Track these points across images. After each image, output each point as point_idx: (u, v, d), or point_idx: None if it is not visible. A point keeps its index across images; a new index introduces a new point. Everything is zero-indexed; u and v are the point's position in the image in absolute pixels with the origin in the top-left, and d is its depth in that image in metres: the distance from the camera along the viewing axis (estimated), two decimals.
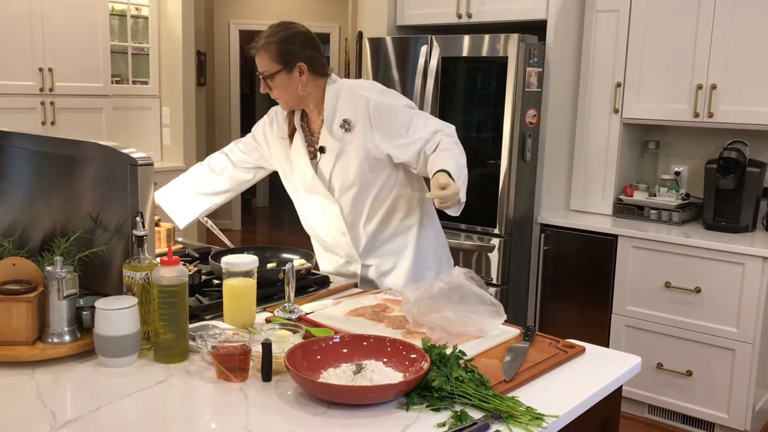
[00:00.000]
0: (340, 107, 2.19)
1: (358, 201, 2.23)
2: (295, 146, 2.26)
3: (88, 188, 1.74)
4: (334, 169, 2.20)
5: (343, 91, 2.20)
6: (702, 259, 3.18)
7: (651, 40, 3.48)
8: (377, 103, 2.17)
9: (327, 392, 1.37)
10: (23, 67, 4.23)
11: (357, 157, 2.17)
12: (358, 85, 2.24)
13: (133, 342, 1.54)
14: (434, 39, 3.66)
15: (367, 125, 2.16)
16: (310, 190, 2.28)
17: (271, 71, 2.12)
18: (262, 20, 7.58)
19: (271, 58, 2.11)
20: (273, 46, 2.11)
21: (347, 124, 2.18)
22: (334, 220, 2.28)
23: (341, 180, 2.21)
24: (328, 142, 2.20)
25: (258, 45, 2.13)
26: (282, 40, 2.11)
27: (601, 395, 1.51)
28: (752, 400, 3.15)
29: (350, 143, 2.18)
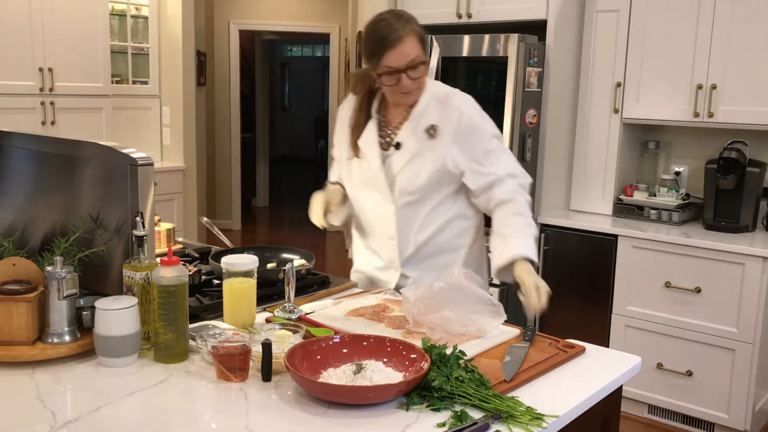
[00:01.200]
0: (431, 111, 2.07)
1: (417, 208, 2.11)
2: (367, 134, 2.13)
3: (88, 188, 1.74)
4: (404, 168, 2.08)
5: (439, 96, 2.09)
6: (702, 259, 3.18)
7: (651, 40, 3.48)
8: (471, 120, 2.06)
9: (327, 392, 1.37)
10: (23, 67, 4.23)
11: (433, 165, 2.06)
12: (455, 95, 2.11)
13: (133, 342, 1.54)
14: (434, 39, 3.65)
15: (453, 138, 2.04)
16: (368, 182, 2.15)
17: (423, 54, 1.98)
18: (262, 20, 7.58)
19: (419, 41, 1.98)
20: (417, 30, 1.98)
21: (433, 130, 2.05)
22: (385, 222, 2.15)
23: (407, 182, 2.09)
24: (409, 141, 2.08)
25: (404, 30, 1.95)
26: (417, 22, 2.00)
27: (601, 395, 1.51)
28: (752, 400, 3.15)
29: (430, 150, 2.06)
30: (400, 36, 1.93)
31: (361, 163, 2.15)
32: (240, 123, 7.73)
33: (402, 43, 1.93)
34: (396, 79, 1.97)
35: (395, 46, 1.93)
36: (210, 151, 7.42)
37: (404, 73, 1.96)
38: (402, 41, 1.93)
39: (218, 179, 7.63)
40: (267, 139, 9.18)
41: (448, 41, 3.63)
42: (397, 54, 1.94)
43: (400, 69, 1.95)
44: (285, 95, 14.31)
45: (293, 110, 14.11)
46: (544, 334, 1.77)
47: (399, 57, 1.94)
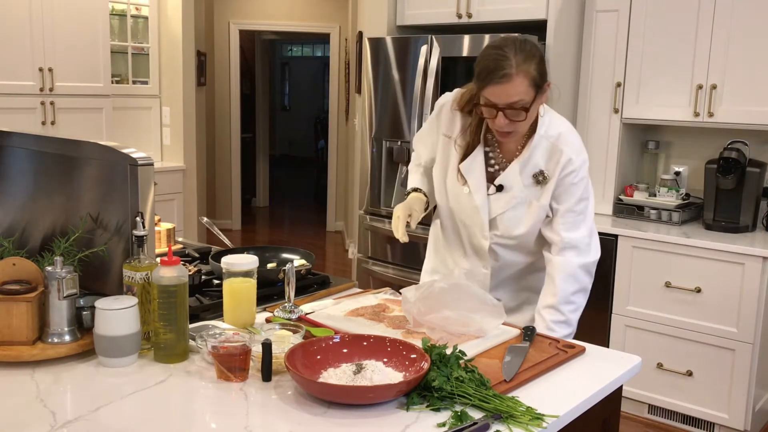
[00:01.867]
0: (540, 152, 1.91)
1: (515, 250, 2.01)
2: (474, 161, 1.96)
3: (88, 188, 1.74)
4: (505, 213, 1.95)
5: (551, 136, 1.91)
6: (702, 259, 3.18)
7: (651, 40, 3.48)
8: (575, 173, 1.90)
9: (327, 392, 1.37)
10: (23, 67, 4.23)
11: (536, 214, 1.93)
12: (566, 138, 1.92)
13: (133, 342, 1.54)
14: (434, 39, 3.65)
15: (555, 187, 1.91)
16: (462, 211, 2.01)
17: (530, 99, 1.78)
18: (262, 20, 7.58)
19: (531, 84, 1.77)
20: (533, 67, 1.77)
21: (542, 177, 1.91)
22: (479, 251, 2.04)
23: (506, 228, 1.97)
24: (515, 186, 1.93)
25: (513, 69, 1.74)
26: (540, 59, 1.79)
27: (601, 395, 1.52)
28: (752, 400, 3.15)
29: (535, 198, 1.92)
30: (509, 74, 1.74)
31: (461, 189, 1.99)
32: (240, 123, 7.73)
33: (509, 82, 1.75)
34: (493, 113, 1.80)
35: (500, 83, 1.75)
36: (210, 151, 7.42)
37: (502, 112, 1.79)
38: (509, 80, 1.74)
39: (218, 179, 7.63)
40: (267, 139, 9.18)
41: (448, 41, 3.63)
42: (500, 91, 1.76)
43: (498, 106, 1.78)
44: (285, 95, 14.31)
45: (293, 110, 14.11)
46: (544, 334, 1.77)
47: (501, 95, 1.77)
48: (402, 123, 3.84)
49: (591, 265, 1.98)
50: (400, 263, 3.92)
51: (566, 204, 1.92)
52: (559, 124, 1.95)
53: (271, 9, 7.56)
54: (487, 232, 1.98)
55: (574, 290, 1.94)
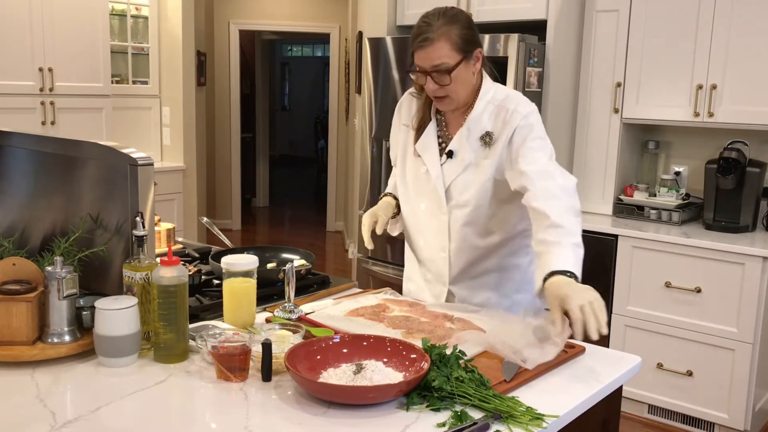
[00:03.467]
0: (487, 116, 1.95)
1: (470, 221, 1.98)
2: (426, 138, 2.02)
3: (88, 188, 1.74)
4: (456, 179, 1.97)
5: (496, 100, 1.96)
6: (702, 259, 3.18)
7: (651, 40, 3.48)
8: (523, 121, 1.91)
9: (327, 392, 1.37)
10: (23, 67, 4.23)
11: (484, 174, 1.94)
12: (513, 98, 1.96)
13: (133, 342, 1.54)
14: None
15: (506, 143, 1.91)
16: (421, 191, 2.05)
17: (453, 62, 1.85)
18: (262, 20, 7.58)
19: (453, 47, 1.84)
20: (455, 31, 1.85)
21: (489, 138, 1.94)
22: (437, 233, 2.04)
23: (459, 193, 1.98)
24: (462, 149, 1.96)
25: (434, 33, 1.83)
26: (464, 24, 1.87)
27: (601, 395, 1.52)
28: (752, 400, 3.15)
29: (484, 158, 1.94)
30: (429, 38, 1.83)
31: (418, 167, 2.04)
32: (240, 123, 7.73)
33: (431, 45, 1.83)
34: (423, 79, 1.89)
35: (422, 46, 1.85)
36: (210, 151, 7.42)
37: (429, 76, 1.87)
38: (431, 44, 1.83)
39: (218, 179, 7.63)
40: (267, 139, 9.18)
41: None
42: (425, 55, 1.85)
43: (426, 71, 1.87)
44: (285, 95, 14.31)
45: (293, 110, 14.11)
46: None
47: (425, 58, 1.86)
48: None
49: (568, 186, 1.84)
50: (400, 263, 3.90)
51: (520, 142, 1.88)
52: (506, 89, 2.01)
53: (271, 9, 7.56)
54: (444, 205, 2.00)
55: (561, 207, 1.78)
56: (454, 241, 2.02)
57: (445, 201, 2.00)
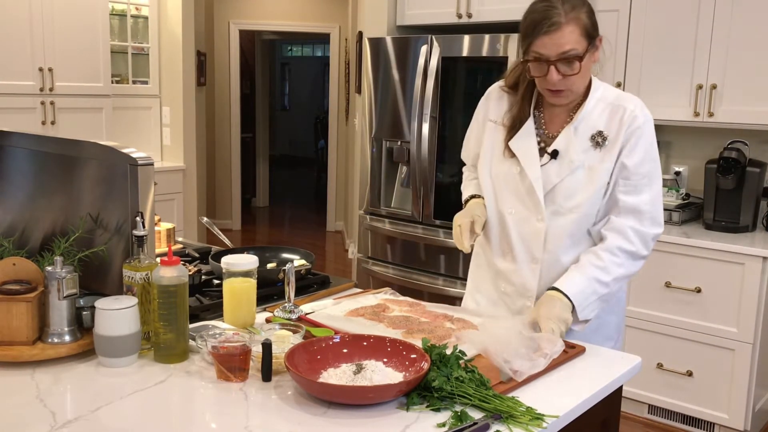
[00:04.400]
0: (598, 114, 1.79)
1: (570, 230, 1.81)
2: (524, 136, 1.83)
3: (88, 188, 1.74)
4: (561, 182, 1.79)
5: (608, 98, 1.81)
6: (702, 259, 3.18)
7: (651, 40, 3.48)
8: (643, 131, 1.76)
9: (327, 392, 1.37)
10: (23, 67, 4.23)
11: (598, 180, 1.76)
12: (628, 98, 1.81)
13: (133, 342, 1.54)
14: (434, 39, 3.65)
15: (620, 147, 1.76)
16: (511, 194, 1.86)
17: (582, 49, 1.68)
18: (262, 20, 7.58)
19: (582, 33, 1.68)
20: (584, 15, 1.69)
21: (601, 138, 1.77)
22: (530, 241, 1.84)
23: (563, 198, 1.79)
24: (570, 149, 1.78)
25: (563, 17, 1.66)
26: (589, 8, 1.70)
27: (601, 395, 1.51)
28: (752, 400, 3.15)
29: (596, 161, 1.77)
30: (559, 22, 1.65)
31: (510, 168, 1.85)
32: (240, 123, 7.73)
33: (559, 30, 1.65)
34: (544, 70, 1.71)
35: (550, 32, 1.66)
36: (210, 151, 7.42)
37: (553, 65, 1.69)
38: (560, 29, 1.65)
39: (218, 179, 7.63)
40: (267, 139, 9.18)
41: (448, 41, 3.63)
42: (550, 41, 1.67)
43: (549, 59, 1.69)
44: (285, 95, 14.31)
45: (293, 110, 14.11)
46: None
47: (551, 45, 1.67)
48: (402, 123, 3.84)
49: (648, 235, 1.78)
50: (400, 263, 3.92)
51: (630, 162, 1.75)
52: (614, 88, 1.87)
53: (271, 9, 7.56)
54: (543, 211, 1.80)
55: (621, 247, 1.75)
56: (549, 252, 1.83)
57: (543, 206, 1.80)
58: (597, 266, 1.75)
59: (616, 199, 1.78)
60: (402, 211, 3.92)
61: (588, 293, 1.74)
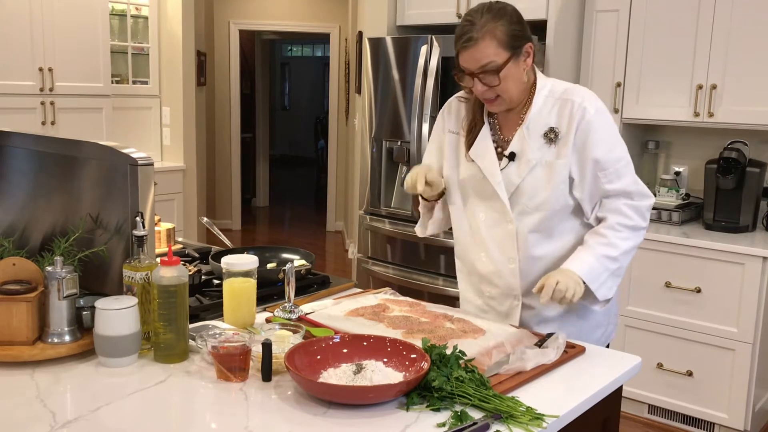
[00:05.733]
0: (548, 111, 1.84)
1: (541, 227, 1.86)
2: (481, 143, 1.89)
3: (88, 188, 1.74)
4: (523, 182, 1.84)
5: (556, 93, 1.85)
6: (702, 259, 3.18)
7: (651, 40, 3.48)
8: (594, 121, 1.80)
9: (327, 392, 1.37)
10: (23, 67, 4.23)
11: (556, 176, 1.82)
12: (575, 90, 1.85)
13: (133, 342, 1.54)
14: (434, 39, 3.65)
15: (572, 140, 1.80)
16: (478, 200, 1.92)
17: (501, 61, 1.74)
18: (262, 20, 7.58)
19: (499, 45, 1.73)
20: (501, 27, 1.74)
21: (553, 134, 1.82)
22: (503, 243, 1.89)
23: (528, 198, 1.84)
24: (524, 150, 1.83)
25: (478, 32, 1.72)
26: (510, 19, 1.76)
27: (601, 395, 1.51)
28: (752, 400, 3.15)
29: (552, 157, 1.82)
30: (474, 38, 1.73)
31: (474, 175, 1.91)
32: (240, 123, 7.73)
33: (475, 45, 1.73)
34: (471, 81, 1.79)
35: (468, 47, 1.74)
36: (210, 151, 7.41)
37: (477, 77, 1.77)
38: (476, 44, 1.73)
39: (218, 179, 7.63)
40: (267, 139, 9.18)
41: (448, 41, 3.63)
42: (469, 56, 1.75)
43: (472, 72, 1.77)
44: (285, 95, 14.31)
45: (293, 110, 14.11)
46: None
47: (470, 59, 1.76)
48: (402, 123, 3.84)
49: (643, 207, 1.85)
50: (400, 263, 3.92)
51: (599, 154, 1.80)
52: (564, 83, 1.90)
53: (271, 9, 7.56)
54: (510, 212, 1.86)
55: (621, 222, 1.82)
56: (523, 250, 1.88)
57: (509, 208, 1.86)
58: (603, 243, 1.81)
59: (604, 190, 1.83)
60: (402, 211, 3.92)
61: (599, 270, 1.80)
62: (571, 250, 1.87)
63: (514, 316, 1.93)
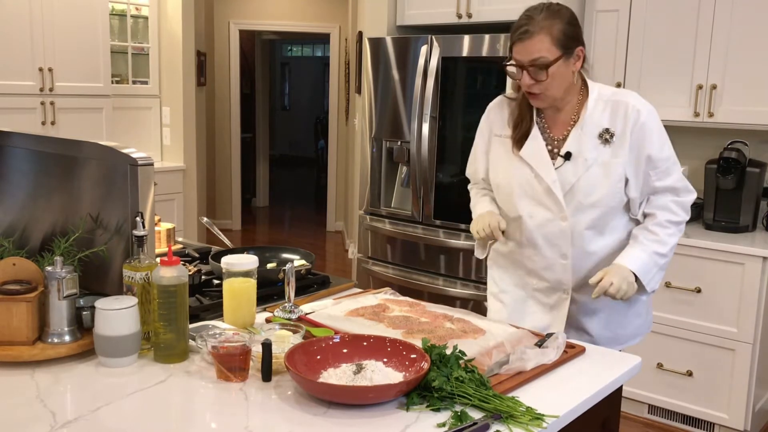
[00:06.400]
0: (600, 112, 1.92)
1: (595, 223, 1.93)
2: (532, 144, 1.95)
3: (88, 188, 1.74)
4: (579, 181, 1.90)
5: (605, 96, 1.94)
6: (702, 259, 3.18)
7: (651, 40, 3.48)
8: (648, 122, 1.89)
9: (327, 392, 1.37)
10: (23, 67, 4.23)
11: (613, 174, 1.89)
12: (624, 92, 1.96)
13: (133, 342, 1.54)
14: (434, 39, 3.65)
15: (629, 141, 1.88)
16: (530, 199, 1.96)
17: (552, 57, 1.82)
18: (262, 20, 7.58)
19: (553, 42, 1.81)
20: (557, 26, 1.82)
21: (608, 135, 1.90)
22: (557, 239, 1.95)
23: (584, 196, 1.91)
24: (581, 149, 1.90)
25: (534, 27, 1.81)
26: (567, 20, 1.84)
27: (601, 395, 1.52)
28: (752, 400, 3.15)
29: (608, 156, 1.89)
30: (530, 31, 1.81)
31: (524, 175, 1.96)
32: (240, 123, 7.73)
33: (530, 39, 1.81)
34: (519, 73, 1.86)
35: (522, 39, 1.82)
36: (210, 151, 7.41)
37: (526, 70, 1.84)
38: (531, 37, 1.81)
39: (218, 179, 7.63)
40: (267, 139, 9.18)
41: (448, 41, 3.63)
42: (523, 48, 1.83)
43: (522, 64, 1.84)
44: (285, 95, 14.31)
45: (293, 110, 14.11)
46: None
47: (523, 51, 1.83)
48: (402, 123, 3.84)
49: (687, 203, 1.97)
50: (400, 263, 3.92)
51: (652, 152, 1.90)
52: (610, 87, 2.00)
53: (271, 9, 7.56)
54: (564, 210, 1.92)
55: (669, 219, 1.93)
56: (577, 247, 1.95)
57: (564, 206, 1.92)
58: (654, 240, 1.92)
59: (653, 187, 1.94)
60: (402, 211, 3.92)
61: (650, 266, 1.91)
62: (621, 244, 1.97)
63: (561, 309, 2.00)
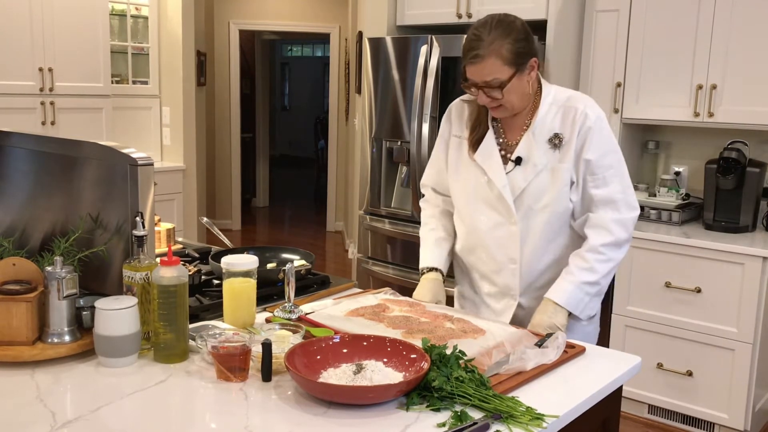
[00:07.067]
0: (552, 117, 1.91)
1: (543, 229, 1.93)
2: (486, 148, 1.95)
3: (88, 188, 1.74)
4: (529, 186, 1.91)
5: (559, 100, 1.93)
6: (702, 259, 3.18)
7: (651, 40, 3.48)
8: (594, 127, 1.87)
9: (327, 392, 1.37)
10: (23, 67, 4.23)
11: (560, 179, 1.89)
12: (577, 97, 1.93)
13: (133, 342, 1.54)
14: (434, 39, 3.65)
15: (574, 145, 1.88)
16: (482, 202, 1.98)
17: (505, 77, 1.81)
18: (262, 20, 7.58)
19: (504, 63, 1.80)
20: (506, 46, 1.80)
21: (557, 140, 1.89)
22: (506, 244, 1.96)
23: (533, 200, 1.91)
24: (531, 154, 1.90)
25: (484, 50, 1.80)
26: (516, 36, 1.82)
27: (601, 395, 1.51)
28: (752, 400, 3.15)
29: (556, 162, 1.89)
30: (480, 55, 1.80)
31: (478, 178, 1.97)
32: (240, 123, 7.73)
33: (481, 62, 1.80)
34: (476, 92, 1.86)
35: (474, 62, 1.81)
36: (210, 151, 7.41)
37: (481, 90, 1.84)
38: (482, 60, 1.80)
39: (218, 179, 7.63)
40: (267, 139, 9.18)
41: (448, 41, 3.63)
42: (475, 70, 1.82)
43: (477, 84, 1.84)
44: (285, 95, 14.31)
45: (293, 110, 14.11)
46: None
47: (476, 73, 1.83)
48: (402, 123, 3.85)
49: (627, 220, 1.92)
50: (400, 263, 3.92)
51: (591, 157, 1.87)
52: (567, 90, 1.98)
53: (271, 9, 7.56)
54: (514, 215, 1.92)
55: (604, 242, 1.88)
56: (526, 252, 1.95)
57: (514, 210, 1.92)
58: (584, 269, 1.89)
59: (590, 195, 1.90)
60: (402, 211, 3.92)
61: (579, 297, 1.89)
62: (568, 250, 1.95)
63: (507, 315, 2.00)
